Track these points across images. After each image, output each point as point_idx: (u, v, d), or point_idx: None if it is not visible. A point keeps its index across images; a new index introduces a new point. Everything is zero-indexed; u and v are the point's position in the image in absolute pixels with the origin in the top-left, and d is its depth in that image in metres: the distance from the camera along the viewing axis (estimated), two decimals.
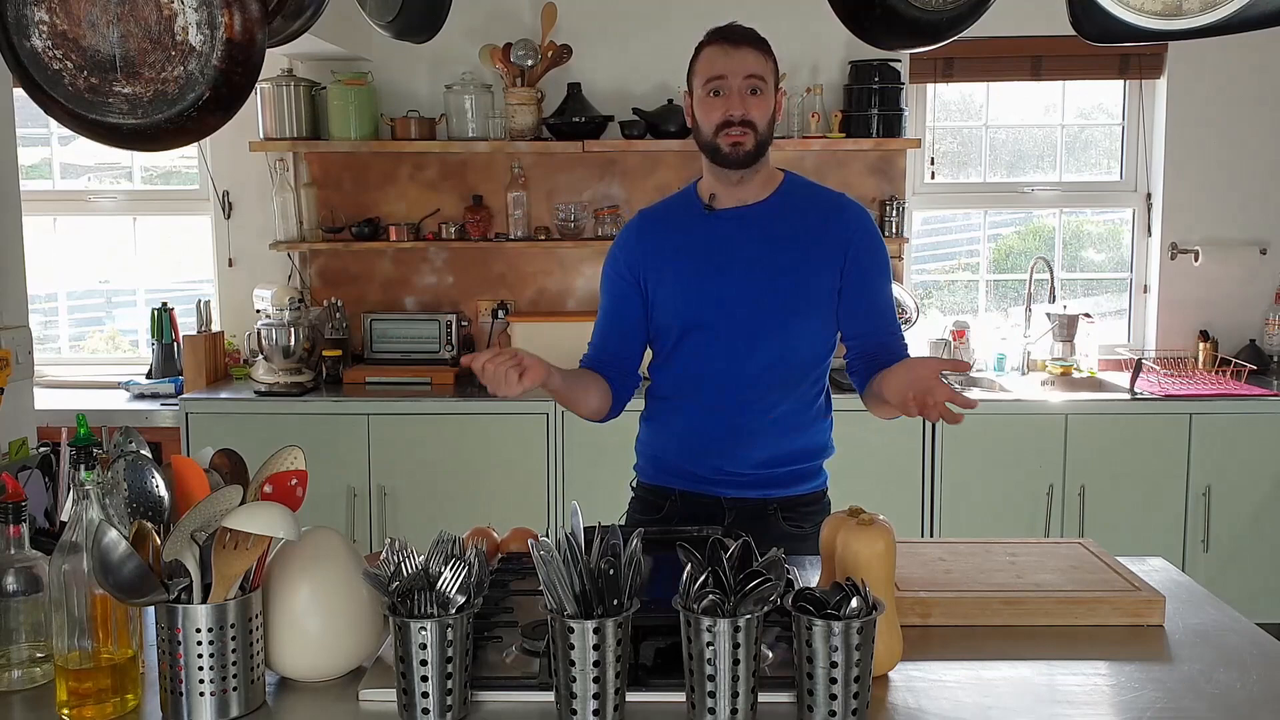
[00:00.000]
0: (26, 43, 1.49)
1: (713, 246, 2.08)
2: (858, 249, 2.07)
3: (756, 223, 2.08)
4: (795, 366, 2.09)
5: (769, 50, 2.04)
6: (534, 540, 1.34)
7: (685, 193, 2.18)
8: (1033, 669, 1.52)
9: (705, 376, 2.08)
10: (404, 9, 2.02)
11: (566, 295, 4.45)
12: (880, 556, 1.47)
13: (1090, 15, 1.62)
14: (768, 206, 2.09)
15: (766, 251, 2.06)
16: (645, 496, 2.23)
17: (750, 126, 1.99)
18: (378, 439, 3.88)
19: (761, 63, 2.01)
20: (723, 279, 2.06)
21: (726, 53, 2.00)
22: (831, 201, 2.14)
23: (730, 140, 2.00)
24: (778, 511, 2.11)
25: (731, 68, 1.99)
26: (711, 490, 2.11)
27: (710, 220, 2.09)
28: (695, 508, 2.11)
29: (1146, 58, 4.32)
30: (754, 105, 2.00)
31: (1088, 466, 3.86)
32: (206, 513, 1.34)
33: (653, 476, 2.21)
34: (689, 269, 2.09)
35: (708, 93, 2.01)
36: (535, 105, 4.16)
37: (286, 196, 4.23)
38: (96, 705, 1.37)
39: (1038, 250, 4.58)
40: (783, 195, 2.11)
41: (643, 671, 1.44)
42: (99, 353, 4.73)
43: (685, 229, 2.12)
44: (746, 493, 2.10)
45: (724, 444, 2.09)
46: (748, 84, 1.99)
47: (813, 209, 2.10)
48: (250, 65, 1.53)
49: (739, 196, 2.09)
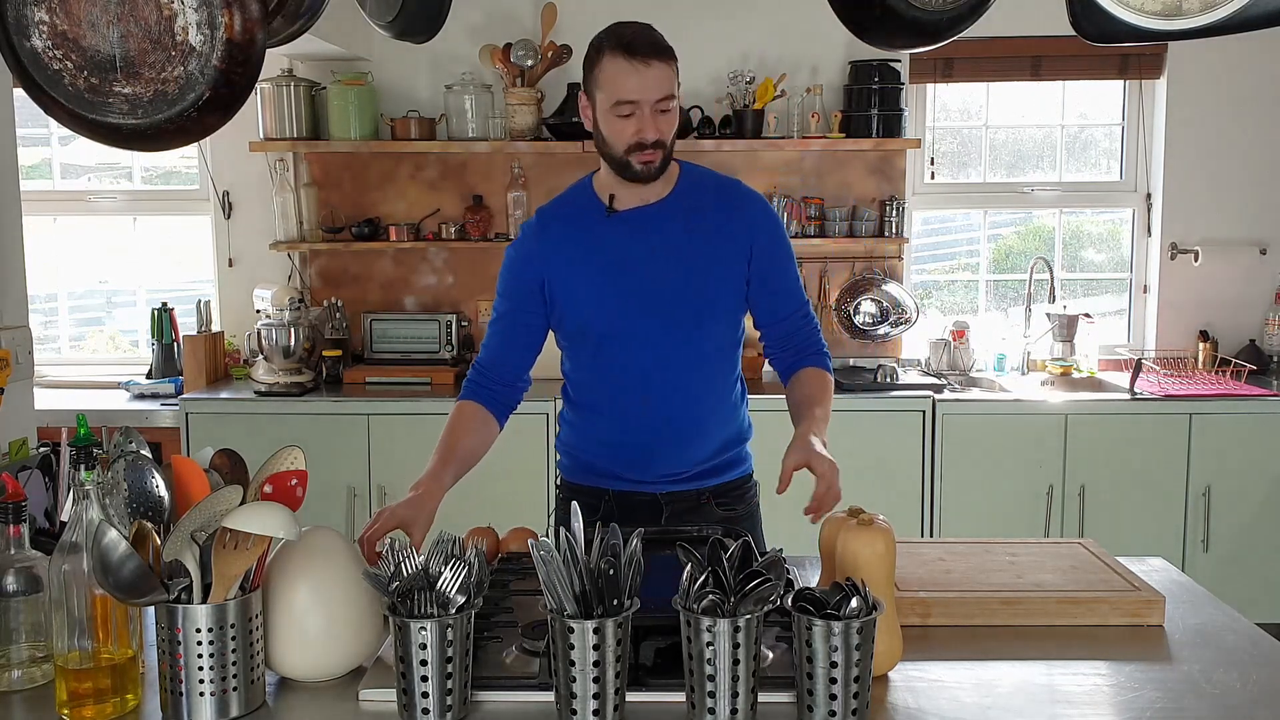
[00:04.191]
0: (26, 43, 1.49)
1: (617, 249, 2.04)
2: (762, 237, 2.06)
3: (659, 222, 2.04)
4: (714, 362, 2.09)
5: (673, 56, 1.94)
6: (534, 540, 1.34)
7: (582, 190, 2.12)
8: (1033, 669, 1.52)
9: (626, 383, 2.06)
10: (404, 9, 2.02)
11: None
12: (880, 557, 1.47)
13: (1090, 15, 1.62)
14: (668, 204, 2.05)
15: (672, 251, 2.03)
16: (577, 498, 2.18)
17: (661, 145, 1.95)
18: (378, 439, 3.88)
19: (670, 79, 1.93)
20: (630, 283, 2.02)
21: (637, 72, 1.90)
22: (730, 191, 2.11)
23: (642, 160, 1.95)
24: (711, 500, 2.12)
25: (644, 93, 1.91)
26: (647, 489, 2.10)
27: (612, 222, 2.05)
28: (632, 505, 2.09)
29: (1146, 58, 4.32)
30: (665, 124, 1.94)
31: (1088, 466, 3.86)
32: (206, 513, 1.34)
33: (582, 478, 2.17)
34: (594, 274, 2.04)
35: (617, 114, 1.93)
36: (535, 105, 4.16)
37: (286, 196, 4.23)
38: (96, 705, 1.37)
39: (1038, 250, 4.58)
40: (682, 190, 2.07)
41: (643, 671, 1.44)
42: (99, 353, 4.73)
43: (587, 231, 2.07)
44: (682, 487, 2.10)
45: (655, 449, 2.07)
46: (659, 105, 1.93)
47: (712, 201, 2.07)
48: (250, 65, 1.53)
49: (641, 196, 2.04)
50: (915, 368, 4.36)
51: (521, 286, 2.09)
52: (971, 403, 3.93)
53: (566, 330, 2.10)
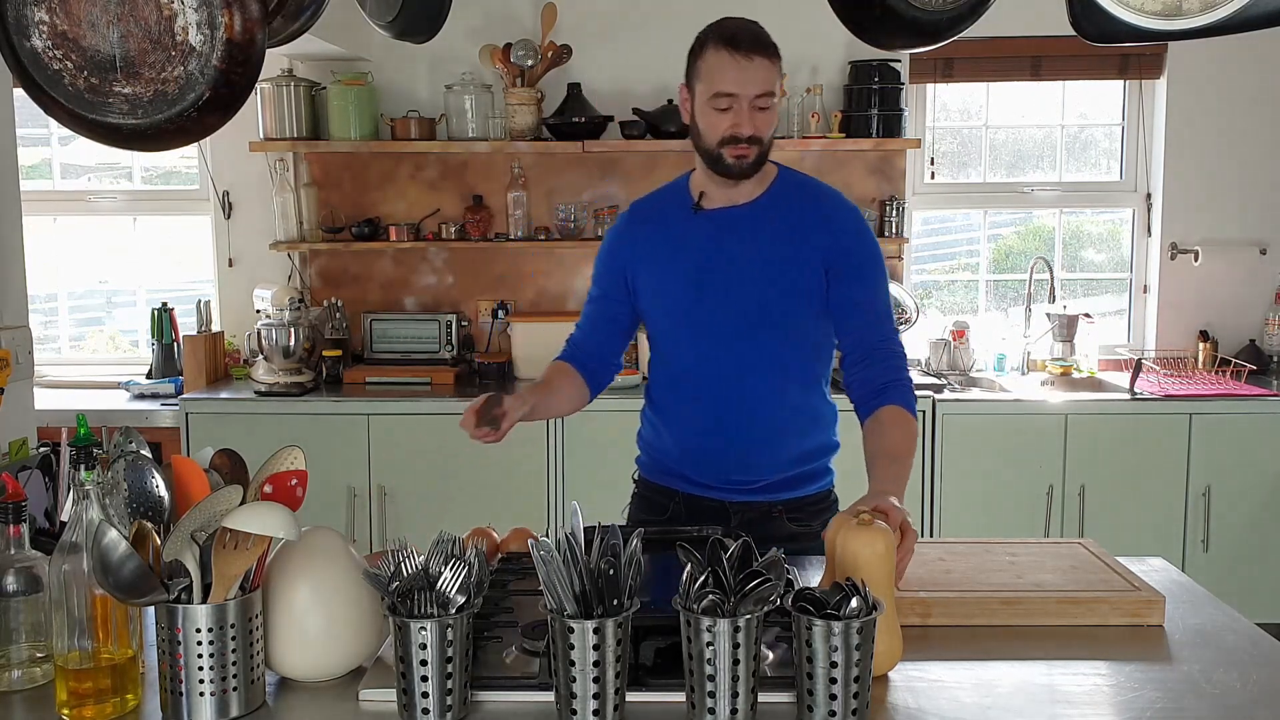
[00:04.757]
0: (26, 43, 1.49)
1: (698, 248, 2.03)
2: (847, 249, 2.01)
3: (743, 224, 2.03)
4: (791, 372, 2.05)
5: (777, 54, 1.93)
6: (534, 540, 1.34)
7: (678, 186, 2.13)
8: (1033, 669, 1.52)
9: (697, 384, 2.05)
10: (404, 9, 2.02)
11: (566, 295, 4.45)
12: (880, 557, 1.47)
13: (1090, 15, 1.62)
14: (756, 207, 2.04)
15: (752, 254, 2.01)
16: (649, 495, 2.20)
17: (756, 142, 1.94)
18: (378, 439, 3.88)
19: (772, 75, 1.92)
20: (707, 283, 2.02)
21: (738, 66, 1.90)
22: (821, 199, 2.07)
23: (735, 154, 1.94)
24: (783, 514, 2.08)
25: (743, 86, 1.90)
26: (717, 495, 2.08)
27: (697, 220, 2.05)
28: (701, 512, 2.08)
29: (1146, 58, 4.32)
30: (762, 121, 1.93)
31: (1088, 466, 3.86)
32: (206, 513, 1.34)
33: (656, 475, 2.18)
34: (674, 271, 2.05)
35: (714, 106, 1.93)
36: (535, 105, 4.16)
37: (286, 196, 4.23)
38: (96, 705, 1.37)
39: (1037, 250, 4.58)
40: (773, 194, 2.05)
41: (643, 671, 1.44)
42: (99, 353, 4.73)
43: (672, 227, 2.07)
44: (753, 498, 2.07)
45: (727, 455, 2.05)
46: (758, 102, 1.91)
47: (802, 208, 2.04)
48: (250, 65, 1.53)
49: (730, 197, 2.03)
50: (915, 368, 4.36)
51: (610, 274, 2.13)
52: (971, 403, 3.93)
53: (650, 326, 2.12)
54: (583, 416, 3.89)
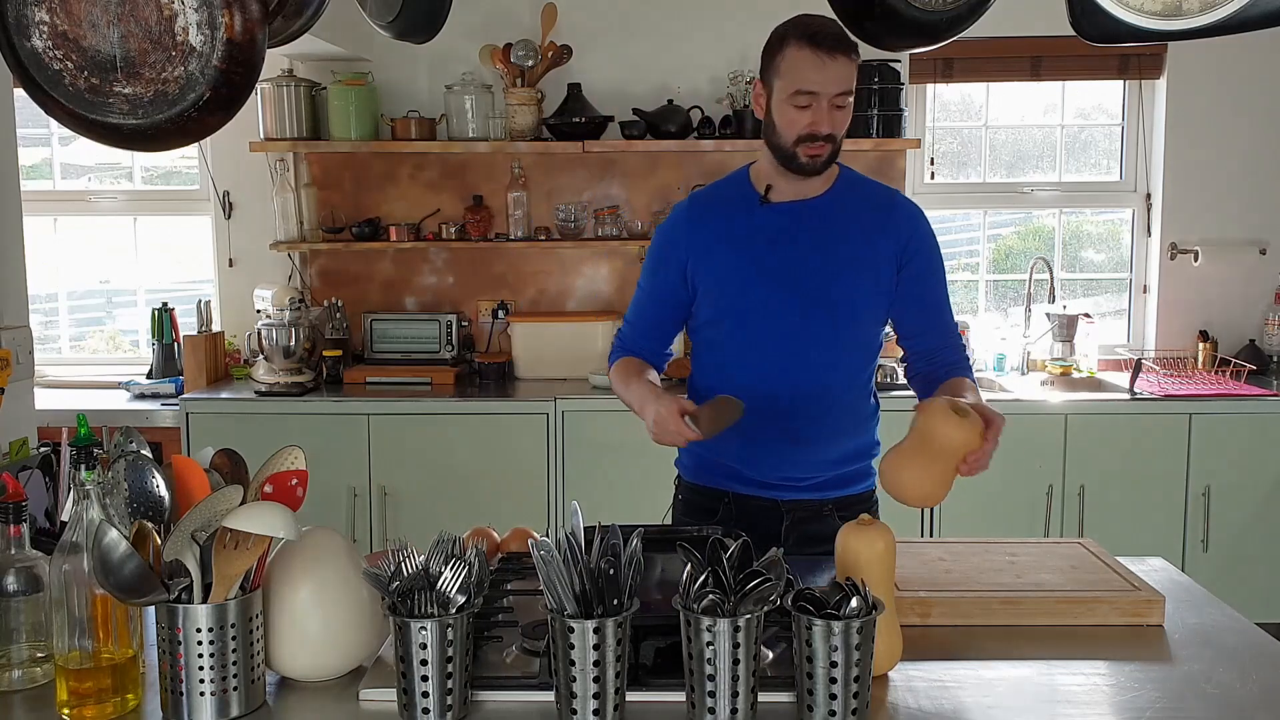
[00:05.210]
0: (27, 43, 1.49)
1: (766, 239, 2.02)
2: (916, 248, 2.04)
3: (812, 218, 2.02)
4: (848, 367, 2.06)
5: (857, 52, 1.92)
6: (534, 540, 1.34)
7: (737, 179, 2.10)
8: (1033, 669, 1.52)
9: (759, 376, 2.02)
10: (404, 9, 2.02)
11: (566, 295, 4.45)
12: (880, 556, 1.47)
13: (1090, 15, 1.62)
14: (825, 201, 2.03)
15: (821, 248, 2.01)
16: (694, 499, 2.16)
17: (832, 140, 1.94)
18: (378, 439, 3.88)
19: (851, 75, 1.91)
20: (774, 274, 2.00)
21: (821, 65, 1.88)
22: (887, 197, 2.09)
23: (810, 153, 1.94)
24: (834, 511, 2.06)
25: (824, 85, 1.89)
26: (769, 494, 2.06)
27: (764, 212, 2.03)
28: (752, 511, 2.06)
29: (1146, 58, 4.32)
30: (840, 119, 1.93)
31: (1087, 466, 3.86)
32: (207, 513, 1.34)
33: (701, 477, 2.14)
34: (739, 261, 2.02)
35: (794, 104, 1.92)
36: (535, 105, 4.16)
37: (287, 197, 4.23)
38: (97, 705, 1.37)
39: (1037, 250, 4.58)
40: (839, 190, 2.05)
41: (643, 671, 1.44)
42: (99, 353, 4.73)
43: (737, 218, 2.05)
44: (804, 495, 2.05)
45: (783, 450, 2.03)
46: (837, 100, 1.91)
47: (869, 204, 2.05)
48: (250, 65, 1.53)
49: (799, 190, 2.02)
50: None
51: (667, 266, 2.09)
52: None
53: (703, 317, 2.08)
54: (583, 416, 3.91)
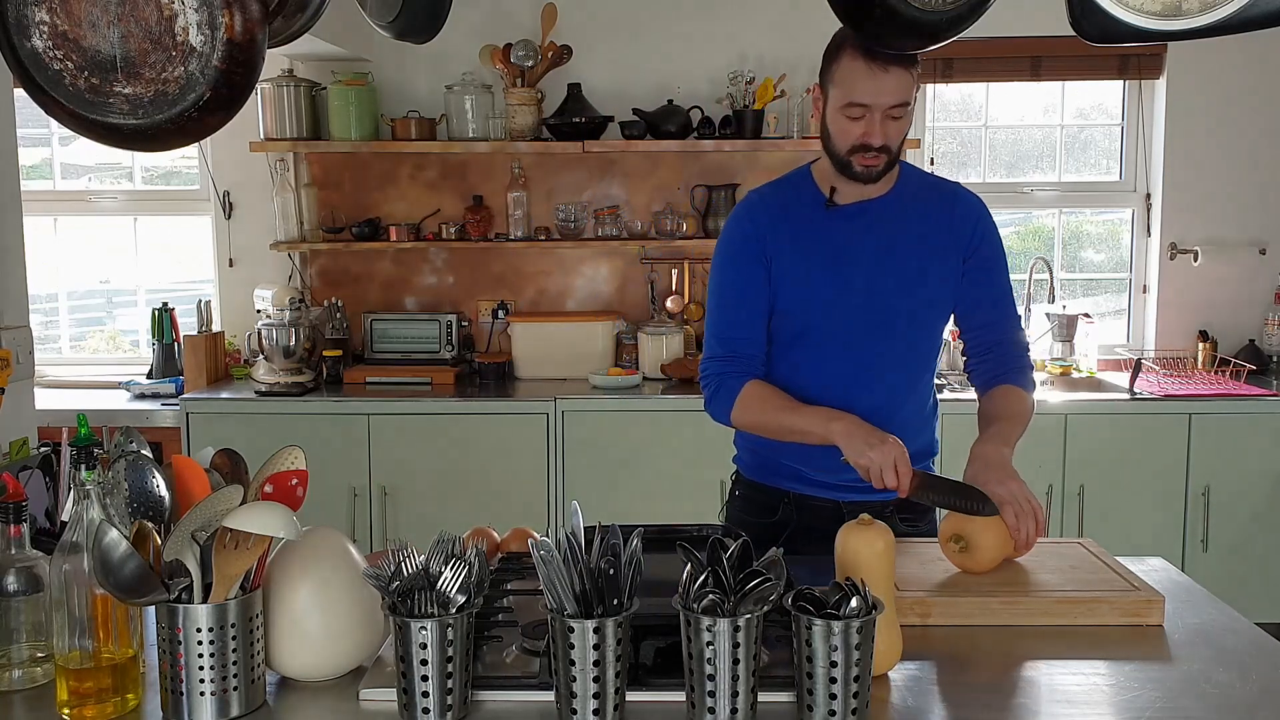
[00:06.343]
0: (27, 43, 1.49)
1: (835, 243, 2.01)
2: (981, 239, 2.06)
3: (880, 218, 2.01)
4: (915, 366, 2.07)
5: (915, 64, 1.89)
6: (534, 540, 1.34)
7: (798, 180, 2.08)
8: (1033, 669, 1.52)
9: (829, 376, 2.01)
10: (404, 9, 2.02)
11: (566, 295, 4.45)
12: (880, 556, 1.47)
13: (1090, 15, 1.62)
14: (890, 201, 2.02)
15: (891, 247, 2.00)
16: (754, 496, 2.15)
17: (886, 151, 1.92)
18: (378, 439, 3.88)
19: (908, 87, 1.88)
20: (847, 277, 1.99)
21: (874, 76, 1.86)
22: (948, 191, 2.09)
23: (864, 163, 1.92)
24: (895, 514, 2.06)
25: (878, 97, 1.87)
26: (831, 495, 2.05)
27: (832, 215, 2.02)
28: (812, 512, 2.05)
29: (1146, 58, 4.32)
30: (894, 131, 1.91)
31: (1087, 466, 3.86)
32: (207, 513, 1.34)
33: (763, 475, 2.12)
34: (812, 264, 2.01)
35: (847, 115, 1.90)
36: (535, 105, 4.16)
37: (287, 197, 4.23)
38: (97, 705, 1.37)
39: (1037, 250, 4.58)
40: (902, 187, 2.04)
41: (643, 671, 1.44)
42: (99, 353, 4.73)
43: (806, 220, 2.03)
44: (866, 497, 2.01)
45: None
46: (892, 112, 1.89)
47: (933, 200, 2.05)
48: (251, 65, 1.53)
49: (862, 191, 2.00)
50: None
51: (753, 264, 2.03)
52: (971, 403, 3.88)
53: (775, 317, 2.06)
54: (583, 416, 3.91)
